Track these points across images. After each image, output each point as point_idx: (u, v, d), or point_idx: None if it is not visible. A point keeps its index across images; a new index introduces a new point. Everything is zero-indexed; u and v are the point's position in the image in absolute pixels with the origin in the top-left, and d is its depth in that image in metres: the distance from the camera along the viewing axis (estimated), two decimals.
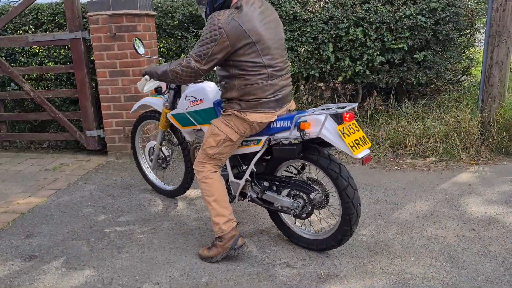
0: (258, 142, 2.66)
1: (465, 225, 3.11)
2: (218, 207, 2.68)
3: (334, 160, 2.52)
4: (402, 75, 4.72)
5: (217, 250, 2.71)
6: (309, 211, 2.68)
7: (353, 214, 2.53)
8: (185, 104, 2.99)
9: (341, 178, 2.48)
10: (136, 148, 3.82)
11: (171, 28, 4.94)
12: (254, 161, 2.73)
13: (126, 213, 3.43)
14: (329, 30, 4.59)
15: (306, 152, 2.56)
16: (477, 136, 4.47)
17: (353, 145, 2.37)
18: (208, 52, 2.39)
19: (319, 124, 2.40)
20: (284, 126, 2.54)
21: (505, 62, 4.40)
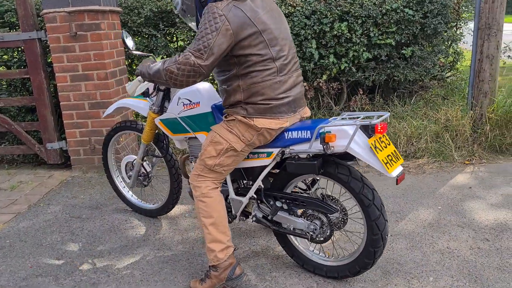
0: (269, 155, 2.29)
1: (477, 234, 2.86)
2: (215, 232, 2.28)
3: (367, 184, 2.16)
4: (389, 72, 4.47)
5: (212, 282, 2.33)
6: (327, 235, 2.33)
7: (380, 248, 2.20)
8: (178, 107, 2.57)
9: (374, 206, 2.13)
10: (109, 163, 3.36)
11: (138, 25, 4.48)
12: (262, 177, 2.36)
13: (98, 240, 2.98)
14: (312, 26, 4.27)
15: (329, 168, 2.20)
16: (469, 135, 4.27)
17: (387, 162, 2.04)
18: (209, 43, 2.02)
19: (346, 136, 2.06)
20: (302, 137, 2.17)
21: (495, 56, 4.21)
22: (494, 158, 4.16)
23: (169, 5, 4.38)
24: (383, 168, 2.02)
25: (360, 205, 2.18)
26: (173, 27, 4.48)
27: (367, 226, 2.18)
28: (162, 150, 3.01)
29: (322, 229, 2.31)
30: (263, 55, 2.11)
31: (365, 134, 2.08)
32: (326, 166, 2.20)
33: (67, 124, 4.07)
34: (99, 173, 4.17)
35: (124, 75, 4.30)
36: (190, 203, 3.48)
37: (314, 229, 2.30)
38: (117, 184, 3.37)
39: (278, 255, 2.71)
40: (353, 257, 2.32)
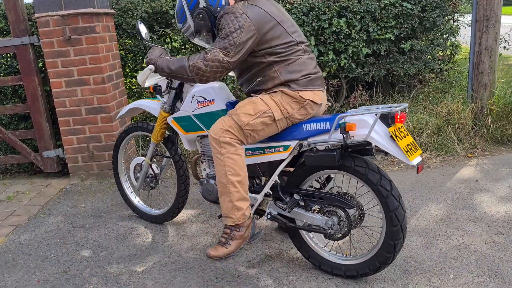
0: (286, 148, 2.27)
1: (490, 228, 2.83)
2: (242, 190, 2.30)
3: (384, 175, 2.14)
4: (388, 66, 4.43)
5: (237, 242, 2.41)
6: (345, 231, 2.28)
7: (400, 240, 2.16)
8: (192, 105, 2.57)
9: (392, 197, 2.10)
10: (119, 166, 3.29)
11: (132, 27, 4.37)
12: (279, 171, 2.34)
13: (105, 249, 2.88)
14: (310, 22, 4.21)
15: (346, 161, 2.17)
16: (471, 127, 4.26)
17: (408, 150, 2.02)
18: (235, 41, 2.16)
19: (366, 126, 2.04)
20: (321, 129, 2.17)
21: (494, 47, 4.20)
22: (496, 150, 4.16)
23: (163, 6, 4.29)
24: (404, 156, 2.02)
25: (378, 197, 2.15)
26: (168, 28, 4.39)
27: (386, 218, 2.15)
28: (171, 151, 2.96)
29: (340, 225, 2.27)
30: (288, 42, 2.26)
31: (385, 124, 2.07)
32: (342, 160, 2.18)
33: (64, 131, 3.96)
34: (99, 180, 4.06)
35: (121, 79, 4.20)
36: (196, 207, 3.41)
37: (332, 225, 2.27)
38: (125, 188, 3.30)
39: (293, 257, 2.65)
40: (372, 253, 2.27)
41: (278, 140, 2.31)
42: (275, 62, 2.27)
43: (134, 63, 4.64)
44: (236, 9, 2.19)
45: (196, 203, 3.47)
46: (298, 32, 2.37)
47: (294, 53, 2.28)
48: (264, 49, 2.24)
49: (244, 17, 2.17)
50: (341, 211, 2.26)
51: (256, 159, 2.38)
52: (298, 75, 2.27)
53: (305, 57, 2.33)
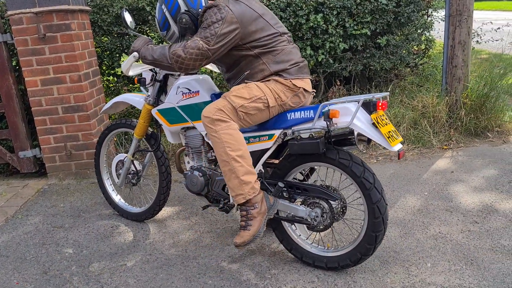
0: (271, 137, 2.31)
1: (466, 218, 2.91)
2: (246, 164, 2.23)
3: (367, 168, 2.19)
4: (365, 61, 4.49)
5: (258, 220, 2.25)
6: (328, 223, 2.32)
7: (381, 232, 2.21)
8: (177, 97, 2.58)
9: (375, 189, 2.15)
10: (101, 163, 3.27)
11: (108, 24, 4.32)
12: (263, 160, 2.37)
13: (86, 249, 2.86)
14: (288, 18, 4.23)
15: (330, 154, 2.22)
16: (446, 120, 4.36)
17: (389, 136, 2.08)
18: (216, 31, 2.20)
19: (349, 113, 2.10)
20: (305, 117, 2.21)
21: (467, 41, 4.30)
22: (470, 142, 4.27)
23: (140, 2, 4.25)
24: (385, 142, 2.08)
25: (361, 189, 2.19)
26: (145, 25, 4.35)
27: (368, 210, 2.20)
28: (154, 146, 2.96)
29: (323, 217, 2.31)
30: (272, 34, 2.30)
31: (367, 111, 2.13)
32: (327, 152, 2.22)
33: (40, 130, 3.89)
34: (77, 179, 4.01)
35: (98, 77, 4.14)
36: (177, 205, 3.40)
37: (315, 216, 2.31)
38: (106, 186, 3.29)
39: (275, 251, 2.67)
40: (354, 245, 2.32)
41: (262, 130, 2.35)
42: (262, 54, 2.30)
43: (111, 60, 4.59)
44: (219, 3, 2.23)
45: (177, 200, 3.46)
46: (280, 24, 2.41)
47: (279, 44, 2.31)
48: (249, 42, 2.27)
49: (227, 10, 2.21)
50: (325, 203, 2.30)
51: None
52: (287, 65, 2.31)
53: (290, 46, 2.37)
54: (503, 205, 3.03)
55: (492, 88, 4.32)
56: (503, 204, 3.04)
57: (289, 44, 2.38)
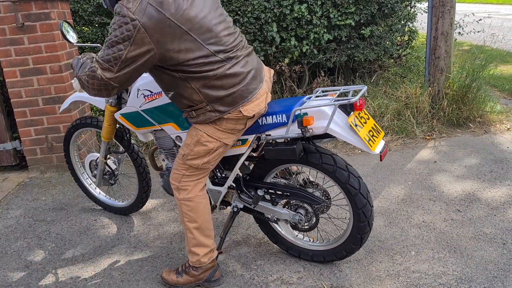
0: (244, 142, 2.19)
1: (449, 207, 2.95)
2: (200, 236, 2.18)
3: (352, 172, 2.12)
4: (349, 52, 4.50)
5: (189, 279, 2.27)
6: (312, 224, 2.31)
7: (367, 233, 2.20)
8: (138, 100, 2.38)
9: (360, 195, 2.11)
10: (73, 161, 3.16)
11: (89, 14, 4.24)
12: (239, 165, 2.28)
13: (69, 242, 2.81)
14: (272, 8, 4.21)
15: (313, 158, 2.14)
16: (428, 111, 4.40)
17: (369, 139, 1.99)
18: (121, 55, 1.72)
19: (325, 117, 1.99)
20: (278, 122, 2.07)
21: (450, 33, 4.34)
22: (452, 132, 4.31)
23: None
24: (365, 146, 1.98)
25: (347, 195, 2.15)
26: None
27: (354, 214, 2.17)
28: (125, 146, 2.84)
29: (307, 217, 2.28)
30: (202, 57, 1.82)
31: (344, 112, 2.02)
32: (309, 156, 2.14)
33: (20, 122, 3.81)
34: (59, 172, 3.94)
35: None
36: (161, 196, 3.37)
37: (299, 220, 2.26)
38: (84, 182, 3.19)
39: (260, 242, 2.67)
40: (339, 242, 2.31)
41: None
42: (189, 78, 1.87)
43: (92, 50, 4.51)
44: (128, 12, 1.68)
45: (161, 192, 3.43)
46: (217, 37, 1.86)
47: (211, 66, 1.85)
48: (170, 65, 1.83)
49: (136, 25, 1.68)
50: (309, 206, 2.26)
51: None
52: (222, 94, 1.90)
53: (227, 67, 1.88)
54: (485, 194, 3.07)
55: (474, 79, 4.36)
56: (485, 193, 3.09)
57: (227, 63, 1.88)
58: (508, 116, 4.58)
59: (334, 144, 4.16)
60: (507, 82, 5.77)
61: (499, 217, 2.77)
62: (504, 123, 4.39)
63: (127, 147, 2.83)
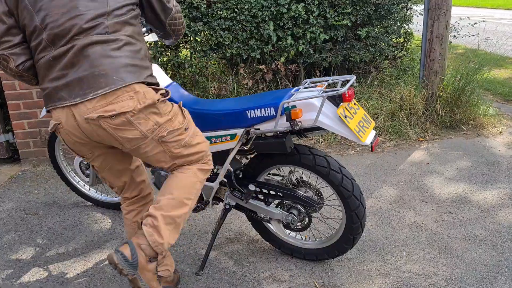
0: (233, 137, 2.18)
1: (440, 208, 2.98)
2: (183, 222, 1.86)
3: (346, 174, 2.13)
4: (345, 53, 4.52)
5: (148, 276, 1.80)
6: (305, 225, 2.32)
7: (359, 234, 2.21)
8: None
9: (353, 197, 2.12)
10: (59, 162, 3.10)
11: None
12: (229, 160, 2.27)
13: (61, 236, 2.81)
14: (269, 7, 4.21)
15: (306, 160, 2.13)
16: (422, 112, 4.43)
17: (359, 130, 1.98)
18: None
19: (313, 109, 1.98)
20: (266, 115, 2.06)
21: (445, 35, 4.37)
22: (445, 134, 4.35)
23: None
24: (355, 137, 1.96)
25: (340, 197, 2.15)
26: None
27: (346, 215, 2.18)
28: None
29: (300, 217, 2.29)
30: (30, 26, 1.64)
31: (333, 104, 2.01)
32: (302, 157, 2.14)
33: (13, 115, 3.78)
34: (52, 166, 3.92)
35: None
36: (155, 191, 3.36)
37: (292, 220, 2.27)
38: (77, 185, 3.14)
39: (253, 239, 2.68)
40: (331, 241, 2.32)
41: (223, 129, 2.19)
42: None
43: None
44: None
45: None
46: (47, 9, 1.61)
47: (36, 47, 1.67)
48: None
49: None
50: (302, 208, 2.27)
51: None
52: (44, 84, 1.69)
53: (47, 56, 1.65)
54: (476, 196, 3.11)
55: (467, 82, 4.40)
56: (476, 195, 3.12)
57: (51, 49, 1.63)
58: (500, 119, 4.63)
59: (328, 144, 4.18)
60: (500, 86, 5.83)
61: (490, 219, 2.80)
62: (496, 127, 4.44)
63: None
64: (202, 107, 2.28)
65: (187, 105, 2.32)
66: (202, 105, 2.31)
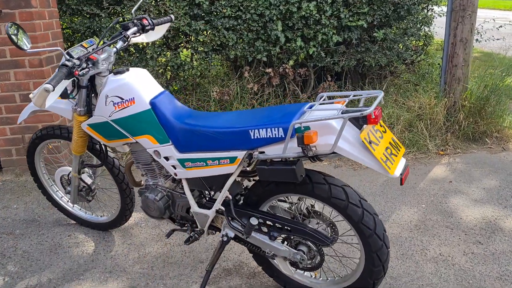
0: (233, 160, 1.83)
1: (468, 237, 2.61)
2: None
3: (367, 209, 1.77)
4: (359, 56, 4.15)
5: None
6: (316, 264, 1.96)
7: (380, 279, 1.85)
8: (108, 108, 2.01)
9: (375, 236, 1.76)
10: (40, 174, 2.78)
11: (77, 3, 3.87)
12: (228, 187, 1.93)
13: (36, 263, 2.46)
14: (277, 5, 3.85)
15: (321, 191, 1.78)
16: (443, 123, 4.06)
17: (386, 159, 1.64)
18: None
19: (331, 132, 1.64)
20: (274, 137, 1.72)
21: (469, 39, 3.99)
22: (467, 148, 3.97)
23: None
24: (382, 168, 1.62)
25: (359, 235, 1.80)
26: (119, 6, 3.92)
27: (366, 256, 1.83)
28: (101, 159, 2.46)
29: (310, 254, 1.93)
30: None
31: (355, 126, 1.68)
32: (316, 187, 1.79)
33: None
34: None
35: None
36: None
37: (301, 259, 1.91)
38: (60, 202, 2.82)
39: (254, 272, 2.33)
40: (346, 283, 1.96)
41: (221, 149, 1.86)
42: None
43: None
44: None
45: None
46: None
47: None
48: None
49: None
50: (313, 245, 1.91)
51: (197, 172, 1.93)
52: None
53: None
54: (508, 223, 2.74)
55: (493, 90, 4.02)
56: (508, 222, 2.75)
57: None
58: None
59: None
60: None
61: None
62: None
63: (104, 160, 2.47)
64: (196, 122, 1.93)
65: (179, 118, 1.98)
66: (196, 119, 1.96)
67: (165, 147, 1.99)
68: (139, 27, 2.19)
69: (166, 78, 4.19)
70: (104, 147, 2.46)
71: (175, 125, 1.96)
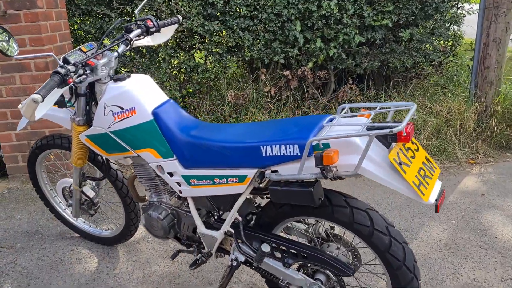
0: (242, 179, 1.64)
1: (505, 260, 2.35)
2: None
3: (395, 237, 1.54)
4: (383, 58, 3.89)
5: None
6: None
7: None
8: (107, 119, 1.84)
9: (405, 268, 1.53)
10: (41, 185, 2.63)
11: (87, 3, 3.72)
12: (237, 208, 1.73)
13: (34, 282, 2.30)
14: (296, 4, 3.63)
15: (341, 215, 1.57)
16: (474, 129, 3.78)
17: (420, 183, 1.40)
18: None
19: (354, 151, 1.43)
20: (288, 155, 1.51)
21: (503, 39, 3.70)
22: (500, 156, 3.69)
23: None
24: (415, 194, 1.39)
25: (385, 265, 1.57)
26: (130, 6, 3.75)
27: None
28: (103, 171, 2.29)
29: (329, 283, 1.70)
30: None
31: (383, 144, 1.46)
32: (336, 211, 1.58)
33: (0, 125, 3.32)
34: None
35: None
36: None
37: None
38: (57, 208, 2.67)
39: None
40: None
41: (229, 167, 1.67)
42: None
43: None
44: None
45: None
46: None
47: None
48: None
49: None
50: (332, 275, 1.70)
51: (203, 190, 1.75)
52: None
53: None
54: None
55: None
56: None
57: None
58: None
59: None
60: None
61: None
62: None
63: (106, 173, 2.30)
64: (202, 135, 1.73)
65: (184, 130, 1.78)
66: (203, 131, 1.76)
67: (169, 162, 1.80)
68: (143, 29, 2.00)
69: (179, 81, 4.02)
70: (106, 159, 2.29)
71: (179, 138, 1.77)
